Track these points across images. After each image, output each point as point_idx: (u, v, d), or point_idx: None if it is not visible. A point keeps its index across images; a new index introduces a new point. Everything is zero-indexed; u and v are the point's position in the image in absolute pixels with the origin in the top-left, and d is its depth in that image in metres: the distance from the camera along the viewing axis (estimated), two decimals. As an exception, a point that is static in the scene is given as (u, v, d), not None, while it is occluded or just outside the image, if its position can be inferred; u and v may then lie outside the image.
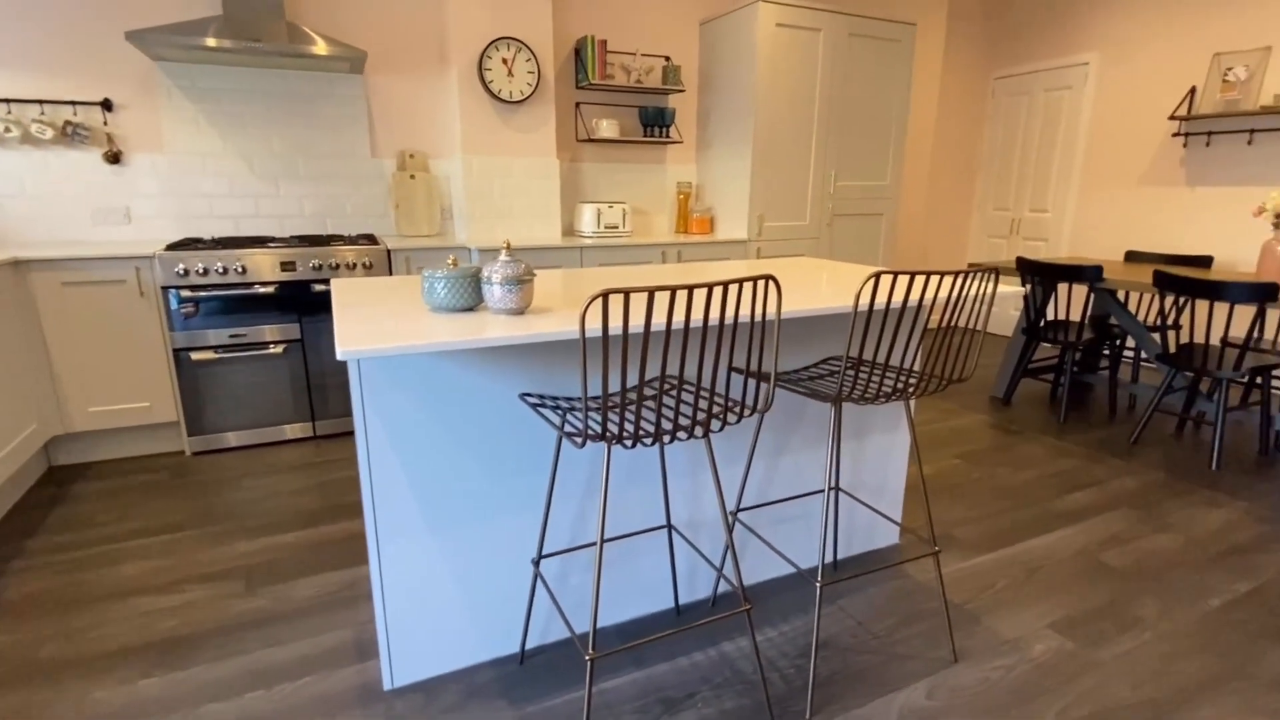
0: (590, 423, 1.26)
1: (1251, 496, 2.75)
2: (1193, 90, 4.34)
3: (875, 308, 1.98)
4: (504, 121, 3.59)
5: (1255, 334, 3.90)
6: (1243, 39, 4.12)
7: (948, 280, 2.05)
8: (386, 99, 3.60)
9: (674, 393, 1.53)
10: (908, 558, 2.12)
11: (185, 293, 2.89)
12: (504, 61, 3.48)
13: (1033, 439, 3.40)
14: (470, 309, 1.49)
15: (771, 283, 1.69)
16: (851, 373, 1.72)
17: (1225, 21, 4.19)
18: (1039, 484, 2.86)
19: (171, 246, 2.91)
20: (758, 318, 1.64)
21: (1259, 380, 3.46)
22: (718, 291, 1.65)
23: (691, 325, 1.53)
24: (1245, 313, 4.25)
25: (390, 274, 3.26)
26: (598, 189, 4.18)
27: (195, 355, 2.96)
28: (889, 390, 1.54)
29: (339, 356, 1.15)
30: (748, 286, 1.74)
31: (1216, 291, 2.94)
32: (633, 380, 1.71)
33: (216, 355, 3.00)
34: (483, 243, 3.41)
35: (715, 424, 1.35)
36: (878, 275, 1.34)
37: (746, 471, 1.84)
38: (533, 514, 1.70)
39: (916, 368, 2.40)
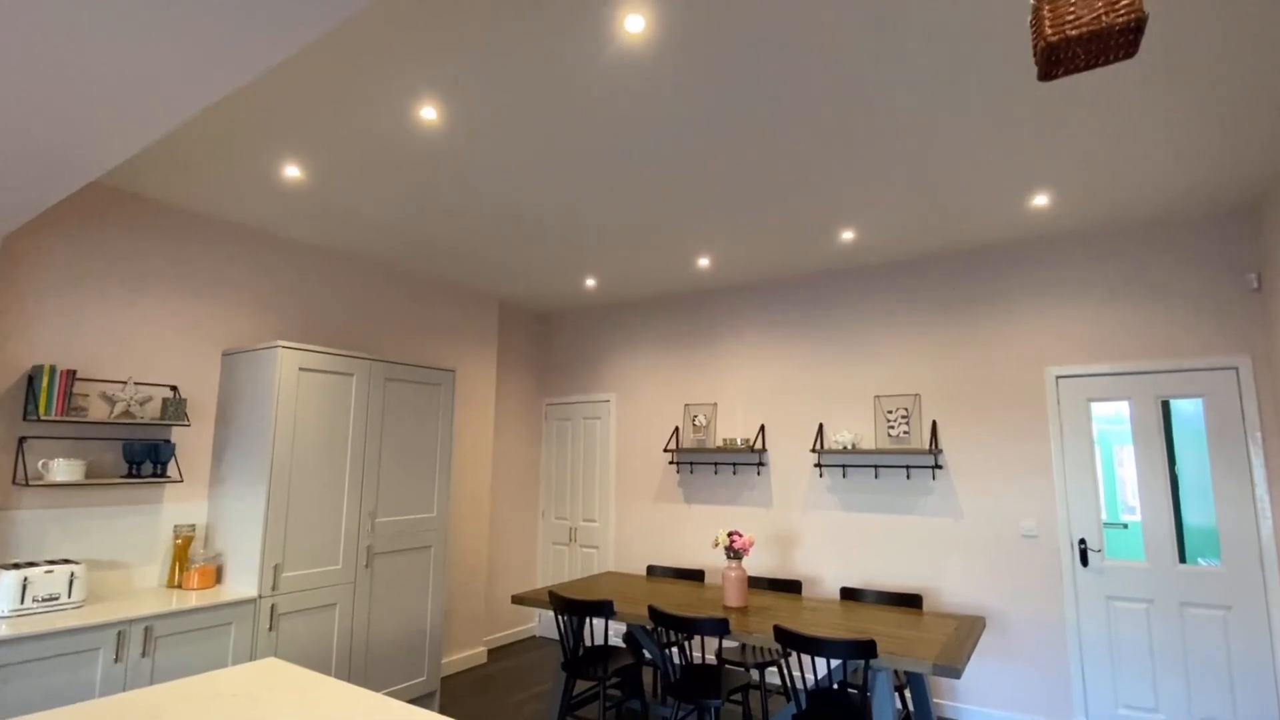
0: None
1: (743, 837, 2.90)
2: (676, 429, 5.54)
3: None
4: None
5: (741, 648, 4.58)
6: (703, 395, 5.50)
7: None
8: None
9: None
10: None
11: None
12: (-126, 398, 2.58)
13: (571, 801, 3.20)
14: None
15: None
16: None
17: (691, 381, 5.59)
18: None
19: None
20: None
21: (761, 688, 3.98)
22: None
23: None
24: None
25: None
26: (46, 544, 3.18)
27: None
28: None
29: None
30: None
31: (693, 627, 3.36)
32: None
33: None
34: None
35: None
36: None
37: None
38: None
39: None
